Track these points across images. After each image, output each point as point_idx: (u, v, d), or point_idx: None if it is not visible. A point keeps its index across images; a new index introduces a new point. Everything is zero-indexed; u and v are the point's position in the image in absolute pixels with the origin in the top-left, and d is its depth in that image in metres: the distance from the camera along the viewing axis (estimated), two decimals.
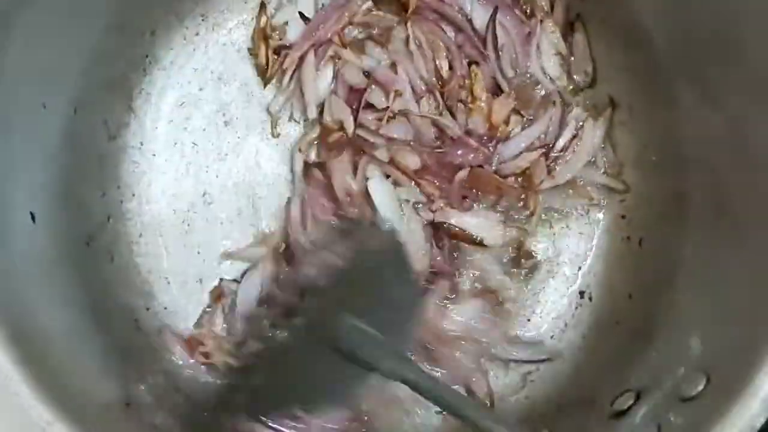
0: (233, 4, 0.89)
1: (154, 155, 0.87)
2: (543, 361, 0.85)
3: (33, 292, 0.68)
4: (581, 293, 0.87)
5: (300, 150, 0.86)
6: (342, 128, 0.84)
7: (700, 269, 0.74)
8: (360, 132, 0.83)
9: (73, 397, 0.65)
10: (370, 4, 0.87)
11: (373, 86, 0.85)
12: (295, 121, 0.88)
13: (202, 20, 0.89)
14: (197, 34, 0.89)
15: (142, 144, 0.87)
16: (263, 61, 0.87)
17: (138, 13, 0.84)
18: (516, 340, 0.86)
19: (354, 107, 0.84)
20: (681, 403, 0.63)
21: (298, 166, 0.86)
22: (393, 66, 0.85)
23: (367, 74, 0.86)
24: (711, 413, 0.58)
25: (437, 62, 0.85)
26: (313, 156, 0.86)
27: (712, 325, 0.68)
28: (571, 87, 0.88)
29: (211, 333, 0.83)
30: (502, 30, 0.86)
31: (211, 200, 0.87)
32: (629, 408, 0.71)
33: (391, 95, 0.85)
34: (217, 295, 0.85)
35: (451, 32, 0.87)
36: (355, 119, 0.84)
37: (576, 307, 0.87)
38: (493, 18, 0.85)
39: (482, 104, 0.84)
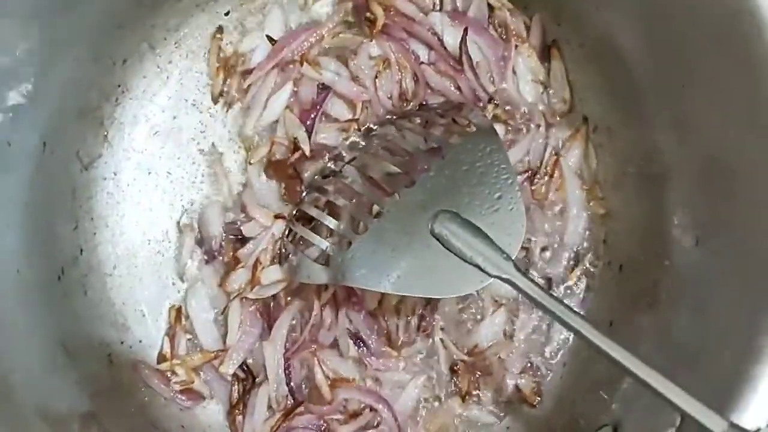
0: (207, 31, 0.88)
1: (128, 185, 0.86)
2: None
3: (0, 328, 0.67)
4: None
5: (250, 163, 0.86)
6: (296, 147, 0.84)
7: (681, 301, 0.73)
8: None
9: None
10: (339, 27, 0.86)
11: (334, 99, 0.85)
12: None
13: (176, 47, 0.88)
14: (170, 61, 0.88)
15: (115, 174, 0.86)
16: (218, 87, 0.87)
17: (110, 43, 0.83)
18: None
19: (308, 124, 0.84)
20: None
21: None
22: (356, 79, 0.85)
23: (323, 87, 0.85)
24: None
25: (403, 82, 0.84)
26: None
27: (690, 359, 0.67)
28: (550, 111, 0.87)
29: (177, 360, 0.82)
30: (477, 49, 0.85)
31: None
32: None
33: (359, 106, 0.84)
34: (176, 315, 0.84)
35: (423, 50, 0.86)
36: (309, 136, 0.83)
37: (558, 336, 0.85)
38: (464, 39, 0.83)
39: None
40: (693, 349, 0.67)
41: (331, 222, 0.76)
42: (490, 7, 0.86)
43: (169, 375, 0.83)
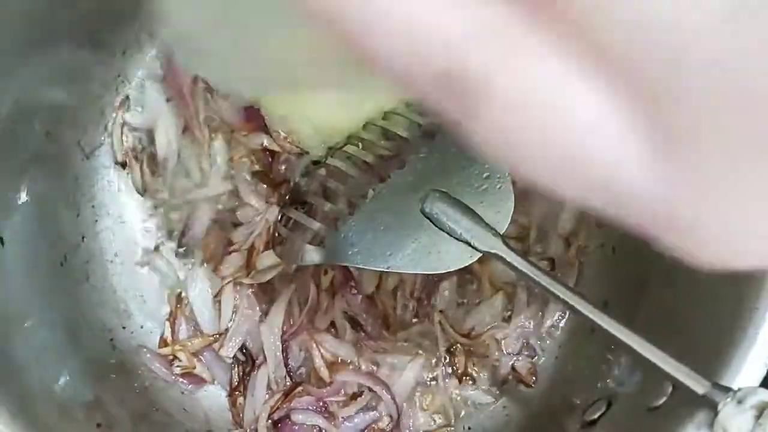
0: None
1: (128, 174, 0.87)
2: None
3: (5, 314, 0.68)
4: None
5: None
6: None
7: (672, 277, 0.75)
8: None
9: (46, 422, 0.65)
10: None
11: None
12: None
13: None
14: None
15: (116, 163, 0.87)
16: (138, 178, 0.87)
17: (110, 33, 0.84)
18: None
19: None
20: (647, 412, 0.63)
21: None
22: None
23: None
24: (673, 424, 0.58)
25: None
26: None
27: (681, 333, 0.68)
28: None
29: (179, 346, 0.84)
30: None
31: None
32: (600, 417, 0.71)
33: None
34: (176, 300, 0.85)
35: None
36: None
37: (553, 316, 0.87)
38: None
39: None
40: (683, 323, 0.69)
41: (323, 204, 0.78)
42: None
43: (171, 359, 0.84)
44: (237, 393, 0.84)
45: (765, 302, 0.58)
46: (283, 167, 0.85)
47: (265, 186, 0.85)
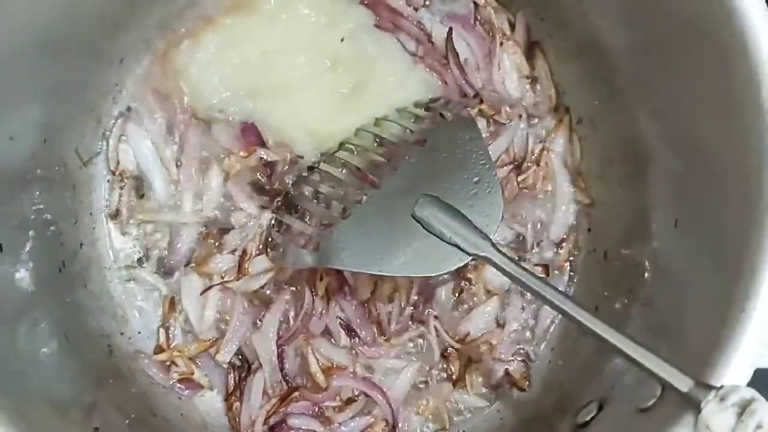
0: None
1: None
2: None
3: (3, 319, 0.69)
4: None
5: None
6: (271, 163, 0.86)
7: (663, 281, 0.75)
8: None
9: (44, 426, 0.66)
10: None
11: None
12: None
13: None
14: None
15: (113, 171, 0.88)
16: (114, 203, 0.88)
17: (108, 42, 0.85)
18: None
19: None
20: (639, 413, 0.64)
21: None
22: None
23: None
24: (664, 425, 0.58)
25: None
26: None
27: (670, 336, 0.69)
28: (535, 108, 0.89)
29: (176, 351, 0.84)
30: (465, 46, 0.88)
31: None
32: (592, 419, 0.72)
33: None
34: (169, 306, 0.86)
35: (411, 44, 0.88)
36: None
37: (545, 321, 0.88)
38: (449, 37, 0.86)
39: None
40: (672, 324, 0.70)
41: (315, 208, 0.79)
42: (475, 5, 0.89)
43: (168, 365, 0.85)
44: (233, 398, 0.84)
45: (752, 304, 0.58)
46: (282, 178, 0.86)
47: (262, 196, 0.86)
